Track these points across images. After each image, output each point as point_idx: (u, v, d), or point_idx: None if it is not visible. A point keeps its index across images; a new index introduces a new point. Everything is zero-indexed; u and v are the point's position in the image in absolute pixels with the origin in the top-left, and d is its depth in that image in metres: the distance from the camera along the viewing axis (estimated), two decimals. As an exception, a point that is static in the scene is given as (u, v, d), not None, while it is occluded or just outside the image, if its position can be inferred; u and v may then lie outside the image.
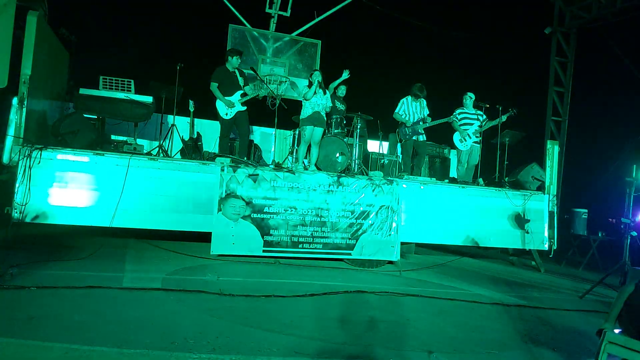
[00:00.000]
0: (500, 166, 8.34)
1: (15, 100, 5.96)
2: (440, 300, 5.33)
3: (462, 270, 7.80)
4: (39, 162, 5.75)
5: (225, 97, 7.22)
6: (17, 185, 5.64)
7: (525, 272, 8.28)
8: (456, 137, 8.37)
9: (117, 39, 11.53)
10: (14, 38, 6.39)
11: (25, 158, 5.69)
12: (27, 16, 6.26)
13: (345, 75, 7.61)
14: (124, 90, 7.39)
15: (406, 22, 12.09)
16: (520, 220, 7.79)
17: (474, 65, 13.64)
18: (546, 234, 7.94)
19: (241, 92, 7.34)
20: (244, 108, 7.42)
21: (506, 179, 8.26)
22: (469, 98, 8.39)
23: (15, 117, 5.92)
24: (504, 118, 8.15)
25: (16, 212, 5.60)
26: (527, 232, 7.81)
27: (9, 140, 5.86)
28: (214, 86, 7.21)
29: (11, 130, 5.88)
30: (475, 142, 8.32)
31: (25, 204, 5.63)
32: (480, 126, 8.27)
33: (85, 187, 5.90)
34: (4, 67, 6.37)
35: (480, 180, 8.23)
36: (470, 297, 5.59)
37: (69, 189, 5.86)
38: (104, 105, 7.15)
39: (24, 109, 5.95)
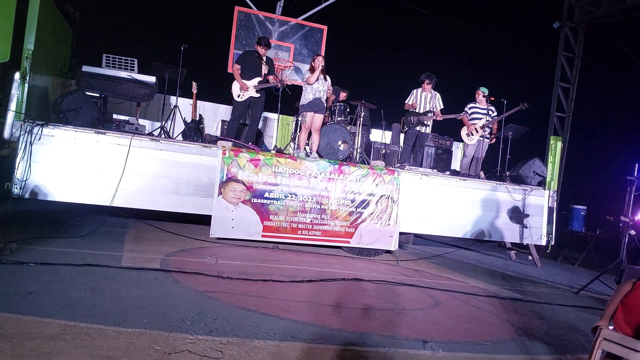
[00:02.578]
0: (502, 160, 8.32)
1: (17, 76, 5.93)
2: (436, 290, 5.35)
3: (459, 262, 7.83)
4: (40, 138, 5.73)
5: (242, 80, 7.19)
6: (17, 161, 5.63)
7: (521, 266, 8.31)
8: (463, 131, 8.35)
9: (122, 17, 11.42)
10: (17, 12, 6.33)
11: (26, 134, 5.67)
12: (31, -10, 6.20)
13: None
14: (127, 69, 7.34)
15: (413, 10, 11.97)
16: (519, 215, 7.80)
17: (480, 57, 13.57)
18: (544, 229, 7.96)
19: (259, 79, 7.29)
20: (259, 95, 7.36)
21: (507, 173, 8.25)
22: (482, 93, 8.33)
23: (17, 93, 5.89)
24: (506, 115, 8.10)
25: (16, 188, 5.59)
26: (526, 227, 7.83)
27: (10, 116, 5.83)
28: (235, 67, 7.24)
29: (13, 106, 5.86)
30: (481, 137, 8.28)
31: (26, 180, 5.62)
32: (488, 121, 8.23)
33: (86, 166, 5.89)
34: (7, 41, 6.31)
35: (482, 173, 8.22)
36: (466, 289, 5.62)
37: (69, 166, 5.84)
38: (107, 84, 7.11)
39: (26, 85, 5.92)
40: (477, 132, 8.23)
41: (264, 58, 7.39)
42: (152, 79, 7.40)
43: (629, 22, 11.24)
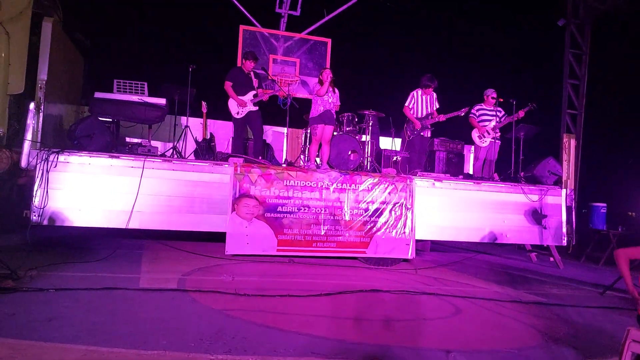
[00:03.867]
0: (516, 161, 8.24)
1: (32, 106, 6.05)
2: (457, 298, 5.27)
3: (479, 268, 7.72)
4: (56, 165, 5.84)
5: (238, 97, 7.32)
6: (35, 188, 5.72)
7: (543, 268, 8.17)
8: (474, 133, 8.30)
9: (130, 42, 11.63)
10: (30, 44, 6.50)
11: (42, 162, 5.77)
12: (43, 22, 6.36)
13: None
14: (138, 93, 7.45)
15: (416, 14, 12.00)
16: (537, 216, 7.69)
17: (487, 59, 13.50)
18: (564, 229, 7.82)
19: (254, 92, 7.44)
20: (256, 108, 7.50)
21: (522, 174, 8.15)
22: (489, 95, 8.30)
23: (33, 122, 6.02)
24: (521, 113, 8.05)
25: (34, 215, 5.68)
26: (545, 228, 7.71)
27: (26, 145, 5.94)
28: (227, 85, 7.34)
29: (29, 135, 5.97)
30: (493, 139, 8.24)
31: (43, 207, 5.71)
32: (498, 122, 8.18)
33: (101, 190, 5.96)
34: (21, 74, 6.51)
35: (495, 175, 8.14)
36: (488, 295, 5.53)
37: (85, 191, 5.92)
38: (119, 108, 7.22)
39: (41, 114, 6.04)
40: (489, 133, 8.18)
41: (252, 72, 7.54)
42: (162, 101, 7.50)
43: (636, 15, 11.11)
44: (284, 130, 9.45)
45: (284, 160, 8.77)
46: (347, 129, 7.97)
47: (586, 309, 5.29)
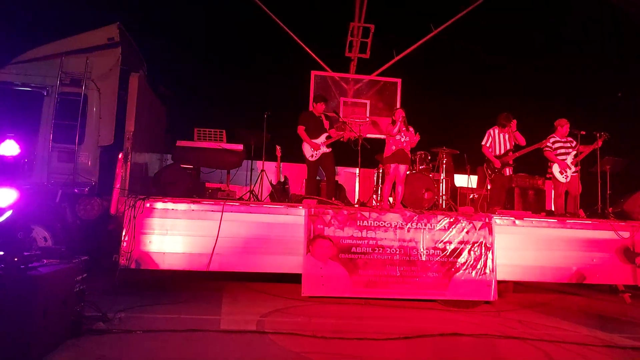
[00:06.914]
0: (603, 196, 7.72)
1: (120, 156, 6.54)
2: (544, 342, 4.92)
3: (567, 310, 7.19)
4: (142, 211, 6.18)
5: (312, 140, 7.49)
6: (123, 234, 6.09)
7: (639, 310, 7.46)
8: (555, 168, 7.88)
9: (208, 92, 12.38)
10: (118, 98, 7.06)
11: (130, 208, 6.15)
12: (130, 78, 6.91)
13: None
14: (217, 140, 7.86)
15: (487, 54, 11.86)
16: (629, 254, 7.09)
17: (564, 91, 12.98)
18: (662, 267, 7.14)
19: (326, 134, 7.59)
20: (329, 150, 7.63)
21: (610, 209, 7.61)
22: (562, 125, 7.91)
23: (121, 171, 6.47)
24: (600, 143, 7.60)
25: (123, 259, 6.02)
26: (639, 267, 7.09)
27: (115, 193, 6.39)
28: (300, 129, 7.53)
29: (117, 183, 6.43)
30: (574, 173, 7.80)
31: (131, 251, 6.05)
32: (575, 155, 7.77)
33: (183, 234, 6.24)
34: (111, 126, 7.04)
35: (581, 211, 7.65)
36: (579, 339, 5.12)
37: (169, 235, 6.22)
38: (199, 155, 7.62)
39: (128, 163, 6.50)
40: (570, 168, 7.76)
41: (323, 114, 7.74)
42: (239, 146, 7.85)
43: None
44: (356, 170, 9.52)
45: (356, 200, 8.79)
46: (420, 167, 7.89)
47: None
